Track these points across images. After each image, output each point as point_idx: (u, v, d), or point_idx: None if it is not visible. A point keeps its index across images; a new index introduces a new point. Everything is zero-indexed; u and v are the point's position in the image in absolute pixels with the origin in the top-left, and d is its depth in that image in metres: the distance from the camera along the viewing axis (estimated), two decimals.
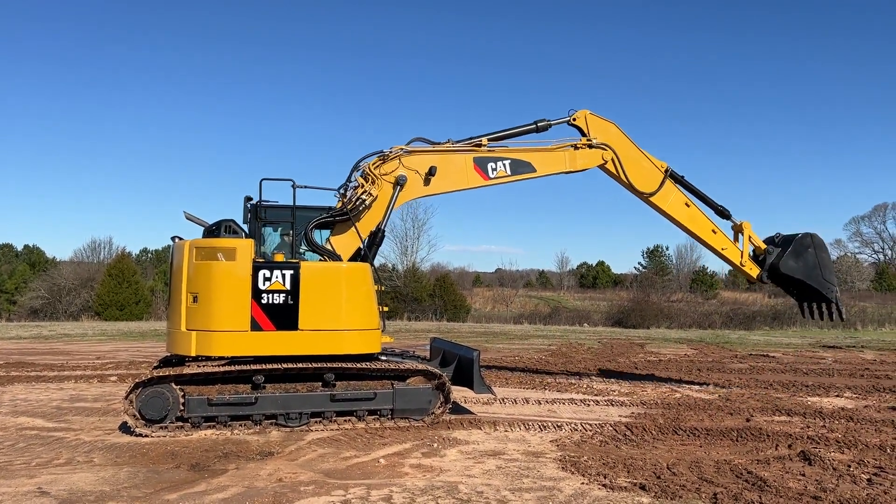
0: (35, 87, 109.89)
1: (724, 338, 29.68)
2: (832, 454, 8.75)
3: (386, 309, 10.95)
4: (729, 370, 17.43)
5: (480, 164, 11.89)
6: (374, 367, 10.21)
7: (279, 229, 11.00)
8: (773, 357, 20.88)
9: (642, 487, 7.23)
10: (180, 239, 10.28)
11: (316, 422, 9.96)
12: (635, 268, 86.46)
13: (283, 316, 9.85)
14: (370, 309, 10.33)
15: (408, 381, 10.43)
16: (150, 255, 78.08)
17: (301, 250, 10.68)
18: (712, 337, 30.50)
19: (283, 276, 9.89)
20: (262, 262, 9.96)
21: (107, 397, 12.71)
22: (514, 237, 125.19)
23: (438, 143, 11.81)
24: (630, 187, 13.19)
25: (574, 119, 13.02)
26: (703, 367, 18.07)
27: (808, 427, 10.50)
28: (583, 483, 7.46)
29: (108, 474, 7.68)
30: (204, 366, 9.73)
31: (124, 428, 9.73)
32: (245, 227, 10.66)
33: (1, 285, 60.82)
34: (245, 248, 9.89)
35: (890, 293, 69.37)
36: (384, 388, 10.26)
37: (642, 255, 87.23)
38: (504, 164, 12.05)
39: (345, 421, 10.07)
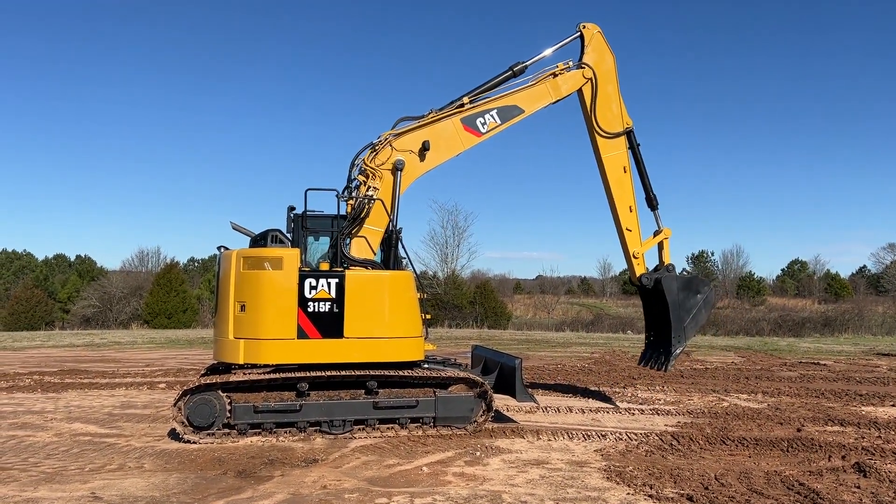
0: (86, 103, 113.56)
1: (772, 345, 28.97)
2: (888, 466, 8.47)
3: (429, 317, 10.97)
4: (778, 378, 17.01)
5: (469, 123, 11.68)
6: (416, 374, 10.25)
7: (322, 238, 11.13)
8: (825, 365, 20.29)
9: (690, 499, 7.09)
10: (226, 248, 10.48)
11: (359, 429, 10.04)
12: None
13: (329, 324, 9.98)
14: (413, 317, 10.38)
15: (450, 389, 10.44)
16: (196, 264, 79.75)
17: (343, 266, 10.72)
18: (760, 344, 29.79)
19: (329, 284, 10.01)
20: (308, 271, 10.09)
21: (156, 404, 13.01)
22: (554, 243, 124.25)
23: (422, 117, 11.58)
24: (591, 121, 12.76)
25: (584, 27, 12.65)
26: (751, 375, 17.66)
27: (863, 438, 10.18)
28: (628, 493, 7.35)
29: (158, 480, 7.85)
30: (249, 373, 9.90)
31: (173, 434, 9.94)
32: (289, 236, 10.82)
33: (55, 294, 62.78)
34: (291, 257, 10.05)
35: None
36: (426, 395, 10.28)
37: (687, 261, 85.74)
38: (492, 116, 11.83)
39: (388, 428, 10.11)
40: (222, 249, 10.56)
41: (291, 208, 11.07)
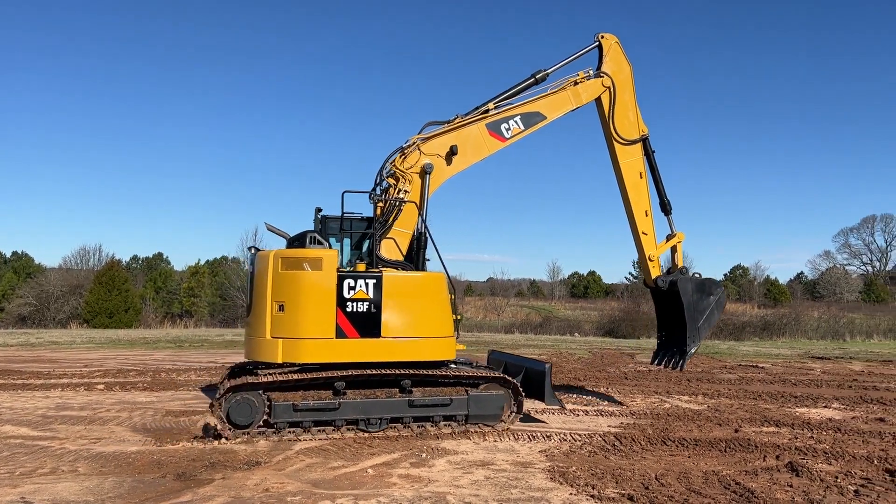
0: (32, 92, 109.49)
1: (713, 348, 29.74)
2: (820, 465, 8.77)
3: (459, 317, 11.15)
4: (718, 380, 17.47)
5: (494, 129, 12.02)
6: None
7: (343, 240, 11.18)
8: (763, 368, 20.94)
9: (630, 498, 7.22)
10: (258, 249, 10.56)
11: (391, 427, 10.23)
12: (626, 278, 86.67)
13: (367, 324, 10.12)
14: (446, 317, 10.61)
15: (481, 388, 10.73)
16: (140, 262, 77.69)
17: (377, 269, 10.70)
18: (702, 347, 30.48)
19: (367, 284, 10.13)
20: (347, 272, 10.18)
21: (93, 406, 12.61)
22: (505, 246, 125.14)
23: (449, 122, 11.86)
24: (609, 128, 13.20)
25: (602, 37, 13.11)
26: (692, 377, 18.10)
27: (796, 438, 10.53)
28: (571, 494, 7.44)
29: (92, 484, 7.61)
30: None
31: (111, 437, 9.66)
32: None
33: None
34: (331, 258, 10.12)
35: (878, 304, 69.97)
36: (459, 394, 10.54)
37: (633, 266, 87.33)
38: (516, 122, 12.18)
39: (333, 430, 10.08)
40: (253, 250, 10.66)
41: (318, 210, 11.16)
